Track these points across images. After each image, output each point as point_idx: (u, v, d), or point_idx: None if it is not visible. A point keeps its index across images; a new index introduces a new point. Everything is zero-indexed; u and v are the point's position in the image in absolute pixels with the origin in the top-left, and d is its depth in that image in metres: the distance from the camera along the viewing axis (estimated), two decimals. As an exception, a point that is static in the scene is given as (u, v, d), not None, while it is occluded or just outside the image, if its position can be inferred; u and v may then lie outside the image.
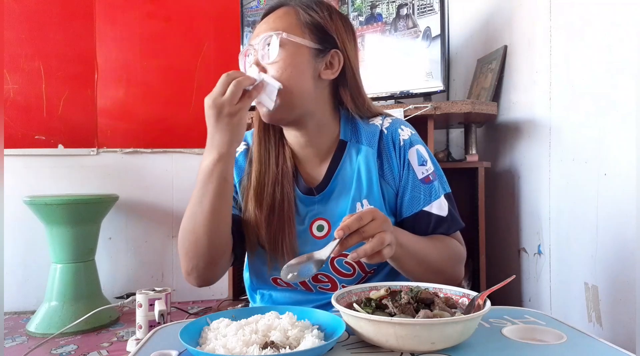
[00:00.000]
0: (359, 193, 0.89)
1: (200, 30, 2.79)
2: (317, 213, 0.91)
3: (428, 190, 0.89)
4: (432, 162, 0.92)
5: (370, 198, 0.89)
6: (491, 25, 2.13)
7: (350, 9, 2.16)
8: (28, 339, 2.14)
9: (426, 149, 0.93)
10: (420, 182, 0.89)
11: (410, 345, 0.59)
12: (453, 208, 0.91)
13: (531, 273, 1.75)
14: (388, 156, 0.91)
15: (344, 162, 0.91)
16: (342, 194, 0.90)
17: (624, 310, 1.22)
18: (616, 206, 1.25)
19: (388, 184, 0.91)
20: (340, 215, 0.89)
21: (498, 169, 2.05)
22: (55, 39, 2.67)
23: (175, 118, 2.77)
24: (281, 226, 0.88)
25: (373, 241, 0.69)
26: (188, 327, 0.65)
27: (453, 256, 0.91)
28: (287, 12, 0.88)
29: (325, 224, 0.91)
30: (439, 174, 0.92)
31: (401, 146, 0.91)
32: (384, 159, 0.91)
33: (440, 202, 0.89)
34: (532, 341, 0.64)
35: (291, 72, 0.84)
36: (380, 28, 2.09)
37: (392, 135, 0.92)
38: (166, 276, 2.79)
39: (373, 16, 2.10)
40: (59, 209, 2.22)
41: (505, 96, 1.98)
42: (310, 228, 0.91)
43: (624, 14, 1.22)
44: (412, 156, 0.90)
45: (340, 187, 0.91)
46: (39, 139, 2.65)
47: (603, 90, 1.31)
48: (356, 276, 0.91)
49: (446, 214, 0.89)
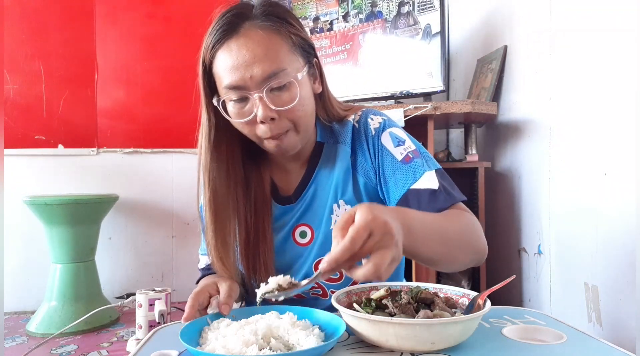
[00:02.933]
0: (335, 194, 0.88)
1: (200, 30, 2.77)
2: (298, 219, 0.90)
3: (411, 168, 0.82)
4: (412, 141, 0.87)
5: (345, 197, 0.87)
6: (491, 25, 2.13)
7: (350, 6, 2.16)
8: (28, 339, 2.14)
9: (404, 132, 0.88)
10: (401, 163, 0.83)
11: (410, 345, 0.59)
12: (446, 182, 0.82)
13: (531, 273, 1.75)
14: (361, 148, 0.88)
15: (321, 166, 0.90)
16: (321, 198, 0.89)
17: (624, 310, 1.22)
18: (616, 206, 1.25)
19: (362, 176, 0.87)
20: (320, 219, 0.88)
21: (498, 169, 2.05)
22: (55, 39, 2.67)
23: (175, 118, 2.77)
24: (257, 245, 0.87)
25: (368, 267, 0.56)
26: (188, 327, 0.65)
27: (471, 223, 0.79)
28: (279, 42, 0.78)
29: (307, 230, 0.89)
30: (422, 152, 0.85)
31: (373, 136, 0.87)
32: (358, 153, 0.88)
33: (428, 176, 0.81)
34: (532, 341, 0.64)
35: (306, 106, 0.81)
36: (380, 25, 2.09)
37: (364, 127, 0.88)
38: (166, 276, 2.79)
39: (373, 14, 2.10)
40: (59, 209, 2.22)
41: (505, 96, 1.98)
42: (292, 235, 0.90)
43: (624, 14, 1.22)
44: (385, 140, 0.86)
45: (319, 191, 0.89)
46: (39, 139, 2.65)
47: (603, 90, 1.31)
48: (345, 281, 0.89)
49: (437, 187, 0.80)
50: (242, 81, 0.76)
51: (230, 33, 0.77)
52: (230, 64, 0.76)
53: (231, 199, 0.86)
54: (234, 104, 0.79)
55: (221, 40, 0.78)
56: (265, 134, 0.79)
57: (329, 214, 0.87)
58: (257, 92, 0.76)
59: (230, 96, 0.79)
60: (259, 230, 0.88)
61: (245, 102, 0.78)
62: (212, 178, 0.84)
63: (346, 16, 2.17)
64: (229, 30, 0.77)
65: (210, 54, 0.80)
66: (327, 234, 0.87)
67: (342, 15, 2.18)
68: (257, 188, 0.90)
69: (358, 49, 2.14)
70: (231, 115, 0.80)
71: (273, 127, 0.78)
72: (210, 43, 0.79)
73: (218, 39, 0.78)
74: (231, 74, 0.77)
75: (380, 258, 0.56)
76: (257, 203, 0.89)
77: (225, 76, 0.78)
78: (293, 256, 0.91)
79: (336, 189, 0.88)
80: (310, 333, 0.61)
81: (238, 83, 0.77)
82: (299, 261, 0.90)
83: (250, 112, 0.78)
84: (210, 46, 0.79)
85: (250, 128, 0.80)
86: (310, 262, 0.89)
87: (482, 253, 0.80)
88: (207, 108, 0.83)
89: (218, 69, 0.79)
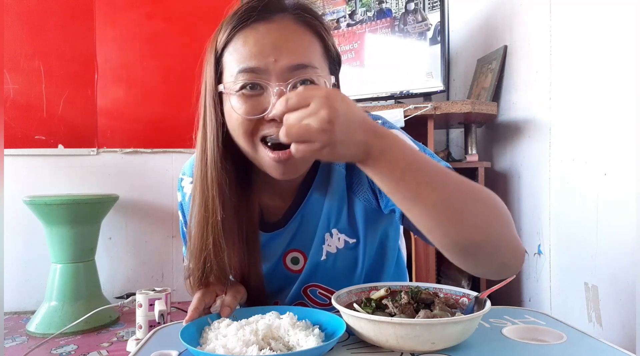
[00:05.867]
0: (327, 223, 0.79)
1: (200, 30, 2.78)
2: (288, 244, 0.82)
3: None
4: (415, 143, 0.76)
5: (339, 225, 0.79)
6: (491, 25, 2.13)
7: (357, 4, 2.15)
8: (28, 339, 2.14)
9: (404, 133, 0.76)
10: None
11: (410, 345, 0.59)
12: None
13: (531, 273, 1.75)
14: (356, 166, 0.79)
15: (314, 189, 0.79)
16: (311, 223, 0.80)
17: (624, 310, 1.22)
18: (616, 206, 1.25)
19: (364, 201, 0.78)
20: (312, 245, 0.80)
21: (498, 169, 2.05)
22: (55, 39, 2.67)
23: (175, 118, 2.77)
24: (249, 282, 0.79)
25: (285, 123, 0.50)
26: (188, 327, 0.65)
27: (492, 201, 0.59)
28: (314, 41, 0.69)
29: (300, 256, 0.82)
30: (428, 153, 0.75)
31: None
32: (354, 172, 0.77)
33: None
34: (532, 341, 0.64)
35: None
36: (388, 23, 2.08)
37: None
38: (166, 276, 2.79)
39: (382, 12, 2.09)
40: (59, 209, 2.22)
41: (505, 96, 1.98)
42: (283, 261, 0.83)
43: (624, 14, 1.22)
44: None
45: (310, 215, 0.80)
46: (39, 139, 2.65)
47: (603, 90, 1.31)
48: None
49: None
50: (264, 64, 0.64)
51: (260, 16, 0.66)
52: (252, 43, 0.65)
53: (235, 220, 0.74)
54: (242, 94, 0.66)
55: (247, 22, 0.65)
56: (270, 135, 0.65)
57: (320, 244, 0.80)
58: (279, 84, 0.64)
59: (241, 80, 0.65)
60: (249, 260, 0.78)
61: (259, 92, 0.65)
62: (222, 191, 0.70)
63: (353, 14, 2.16)
64: (260, 13, 0.65)
65: (227, 36, 0.67)
66: (318, 264, 0.80)
67: (349, 13, 2.17)
68: (246, 211, 0.77)
69: (366, 48, 2.13)
70: (235, 107, 0.66)
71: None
72: (231, 23, 0.67)
73: (242, 20, 0.66)
74: (251, 54, 0.64)
75: (296, 120, 0.49)
76: (247, 229, 0.77)
77: (242, 57, 0.65)
78: (284, 282, 0.85)
79: (329, 217, 0.79)
80: (310, 333, 0.61)
81: (257, 64, 0.64)
82: (289, 286, 0.85)
83: (261, 106, 0.65)
84: (230, 27, 0.67)
85: (251, 127, 0.66)
86: (299, 286, 0.84)
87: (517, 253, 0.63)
88: (214, 103, 0.70)
89: (234, 50, 0.66)
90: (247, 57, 0.65)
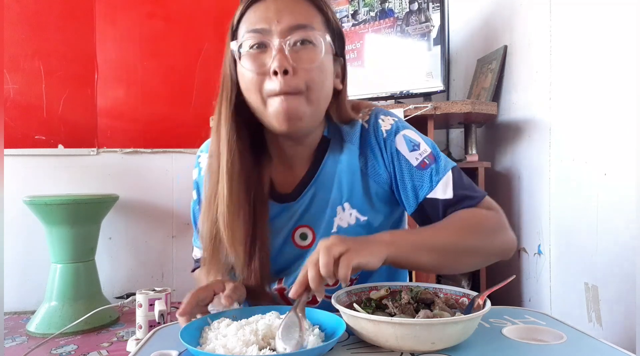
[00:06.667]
0: (340, 195, 0.83)
1: (200, 30, 2.79)
2: (298, 220, 0.85)
3: (428, 175, 0.81)
4: (427, 143, 0.85)
5: (351, 200, 0.83)
6: (491, 25, 2.13)
7: (360, 4, 2.14)
8: (28, 339, 2.14)
9: (416, 132, 0.86)
10: (417, 169, 0.81)
11: (410, 345, 0.59)
12: (463, 182, 0.82)
13: (531, 273, 1.75)
14: (372, 151, 0.84)
15: (326, 163, 0.84)
16: (323, 198, 0.84)
17: (624, 310, 1.22)
18: (616, 206, 1.25)
19: (375, 182, 0.84)
20: (322, 221, 0.83)
21: (498, 169, 2.05)
22: (55, 39, 2.67)
23: (175, 118, 2.77)
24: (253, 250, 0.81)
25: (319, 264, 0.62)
26: (188, 327, 0.65)
27: (476, 225, 0.77)
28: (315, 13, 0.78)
29: (308, 232, 0.85)
30: (437, 154, 0.84)
31: (384, 138, 0.83)
32: (368, 156, 0.84)
33: (445, 183, 0.80)
34: (532, 341, 0.64)
35: (325, 81, 0.77)
36: (391, 23, 2.07)
37: (374, 127, 0.84)
38: (166, 276, 2.79)
39: (384, 11, 2.08)
40: (59, 209, 2.22)
41: (505, 96, 1.98)
42: (292, 236, 0.85)
43: (623, 14, 1.22)
44: (400, 145, 0.83)
45: (321, 190, 0.84)
46: (39, 139, 2.65)
47: (603, 90, 1.31)
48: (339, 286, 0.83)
49: (452, 196, 0.80)
50: (268, 25, 0.73)
51: None
52: (260, 10, 0.75)
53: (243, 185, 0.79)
54: (249, 53, 0.75)
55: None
56: (274, 89, 0.72)
57: (331, 217, 0.83)
58: (279, 41, 0.73)
59: (249, 41, 0.74)
60: (257, 232, 0.81)
61: (263, 50, 0.74)
62: (231, 148, 0.77)
63: (355, 14, 2.16)
64: None
65: (241, 11, 0.77)
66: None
67: (351, 13, 2.17)
68: (256, 184, 0.82)
69: (368, 48, 2.12)
70: (245, 65, 0.75)
71: (284, 82, 0.71)
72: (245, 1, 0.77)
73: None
74: (258, 19, 0.74)
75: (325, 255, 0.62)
76: (255, 201, 0.81)
77: (250, 23, 0.75)
78: (292, 258, 0.87)
79: (340, 190, 0.83)
80: (310, 333, 0.61)
81: (263, 26, 0.74)
82: (297, 262, 0.86)
83: (265, 62, 0.74)
84: (244, 3, 0.77)
85: (259, 84, 0.74)
86: None
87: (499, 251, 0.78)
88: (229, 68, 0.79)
89: (246, 20, 0.77)
90: (254, 22, 0.75)
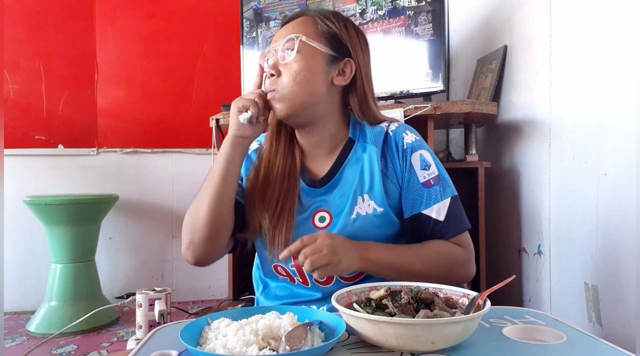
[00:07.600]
0: (361, 188, 0.93)
1: (200, 30, 2.79)
2: (320, 204, 0.95)
3: (428, 194, 0.92)
4: (437, 166, 0.94)
5: (371, 193, 0.92)
6: (491, 25, 2.13)
7: (368, 2, 2.12)
8: (28, 339, 2.14)
9: (431, 155, 0.96)
10: (422, 185, 0.92)
11: (410, 345, 0.59)
12: (456, 211, 0.92)
13: (531, 273, 1.76)
14: (391, 156, 0.94)
15: (350, 159, 0.96)
16: (345, 188, 0.94)
17: (624, 310, 1.22)
18: (616, 206, 1.25)
19: (392, 183, 0.94)
20: (341, 207, 0.93)
21: (498, 169, 2.05)
22: (55, 39, 2.67)
23: (175, 118, 2.77)
24: (282, 217, 0.92)
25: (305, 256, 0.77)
26: (188, 327, 0.65)
27: (443, 261, 0.90)
28: (305, 20, 0.94)
29: (327, 215, 0.94)
30: (442, 178, 0.94)
31: (404, 149, 0.94)
32: (388, 159, 0.94)
33: (440, 206, 0.91)
34: (532, 341, 0.64)
35: (305, 75, 0.89)
36: (402, 22, 2.06)
37: (396, 137, 0.95)
38: (166, 276, 2.79)
39: (395, 10, 2.07)
40: (59, 209, 2.22)
41: (505, 96, 1.98)
42: (312, 218, 0.95)
43: (623, 14, 1.22)
44: (414, 160, 0.93)
45: (344, 181, 0.94)
46: (39, 139, 2.65)
47: (603, 90, 1.31)
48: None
49: (443, 219, 0.91)
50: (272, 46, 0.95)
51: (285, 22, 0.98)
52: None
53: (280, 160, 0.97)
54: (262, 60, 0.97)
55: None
56: (266, 89, 0.91)
57: (352, 205, 0.92)
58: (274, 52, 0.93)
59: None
60: (285, 207, 0.93)
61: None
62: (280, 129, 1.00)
63: (363, 13, 2.15)
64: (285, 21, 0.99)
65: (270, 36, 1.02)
66: (346, 222, 0.91)
67: (359, 12, 2.16)
68: (291, 164, 0.97)
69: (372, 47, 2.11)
70: None
71: (269, 83, 0.91)
72: None
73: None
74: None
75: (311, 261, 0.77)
76: (289, 179, 0.95)
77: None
78: None
79: (362, 182, 0.93)
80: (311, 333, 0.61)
81: (269, 48, 0.95)
82: None
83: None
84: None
85: None
86: None
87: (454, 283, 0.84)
88: None
89: None
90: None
